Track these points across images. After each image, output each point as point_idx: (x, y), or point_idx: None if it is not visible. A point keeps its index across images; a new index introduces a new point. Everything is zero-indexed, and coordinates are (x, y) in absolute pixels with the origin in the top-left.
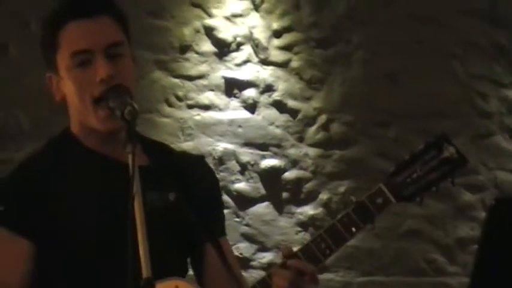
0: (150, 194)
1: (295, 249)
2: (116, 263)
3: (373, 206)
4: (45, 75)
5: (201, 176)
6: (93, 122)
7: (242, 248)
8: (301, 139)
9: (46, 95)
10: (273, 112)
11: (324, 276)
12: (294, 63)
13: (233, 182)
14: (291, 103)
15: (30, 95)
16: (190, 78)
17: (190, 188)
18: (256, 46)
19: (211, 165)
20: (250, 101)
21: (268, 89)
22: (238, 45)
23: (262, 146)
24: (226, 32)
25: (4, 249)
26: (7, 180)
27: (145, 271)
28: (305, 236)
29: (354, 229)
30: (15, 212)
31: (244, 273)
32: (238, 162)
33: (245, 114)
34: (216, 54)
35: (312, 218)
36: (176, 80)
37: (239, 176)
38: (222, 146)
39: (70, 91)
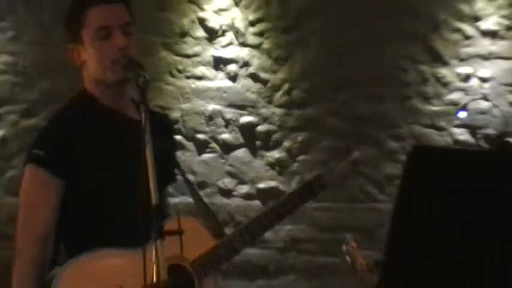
0: (155, 140)
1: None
2: (130, 197)
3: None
4: (67, 47)
5: (171, 129)
6: (108, 75)
7: (226, 182)
8: (270, 101)
9: None
10: (249, 82)
11: None
12: (265, 45)
13: (219, 134)
14: (263, 75)
15: None
16: (188, 56)
17: (168, 137)
18: (237, 32)
19: (203, 121)
20: (232, 74)
21: (246, 64)
22: (223, 32)
23: (241, 107)
24: (214, 22)
25: (43, 186)
26: (45, 131)
27: (155, 199)
28: (273, 173)
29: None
30: (51, 157)
31: (227, 201)
32: (223, 118)
33: (228, 83)
34: (206, 38)
35: (278, 160)
36: (177, 58)
37: (224, 129)
38: (211, 106)
39: (91, 57)
